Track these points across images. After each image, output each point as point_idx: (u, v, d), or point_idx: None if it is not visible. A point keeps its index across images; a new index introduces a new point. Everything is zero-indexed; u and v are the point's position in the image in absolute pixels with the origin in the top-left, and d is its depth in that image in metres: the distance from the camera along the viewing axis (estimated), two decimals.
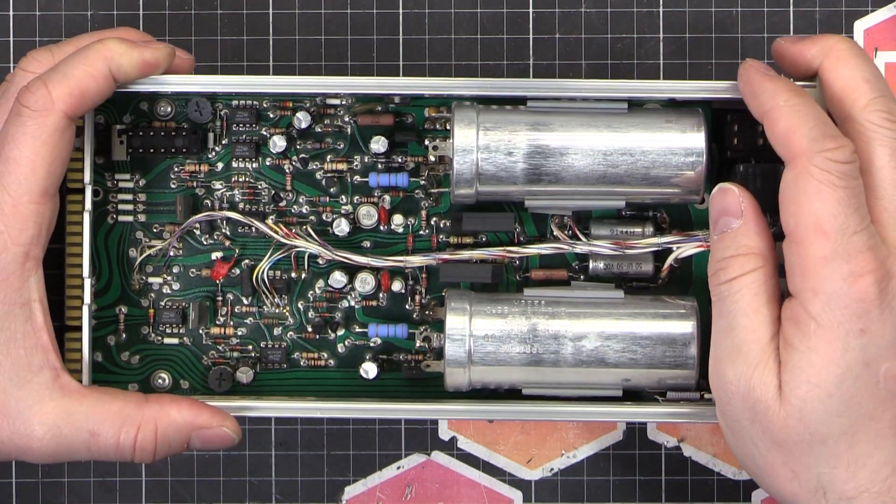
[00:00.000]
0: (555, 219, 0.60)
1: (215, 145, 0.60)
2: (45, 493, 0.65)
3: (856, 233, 0.51)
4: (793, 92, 0.54)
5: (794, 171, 0.52)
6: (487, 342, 0.58)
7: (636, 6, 0.65)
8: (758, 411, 0.53)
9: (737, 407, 0.53)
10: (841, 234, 0.51)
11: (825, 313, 0.51)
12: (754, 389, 0.52)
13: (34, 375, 0.55)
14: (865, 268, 0.51)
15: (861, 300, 0.51)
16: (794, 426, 0.52)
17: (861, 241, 0.51)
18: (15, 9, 0.65)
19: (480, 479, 0.65)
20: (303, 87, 0.58)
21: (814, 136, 0.52)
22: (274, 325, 0.61)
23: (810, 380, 0.51)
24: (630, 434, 0.66)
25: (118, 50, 0.56)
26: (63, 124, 0.55)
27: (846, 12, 0.65)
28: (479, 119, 0.57)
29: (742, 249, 0.54)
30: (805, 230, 0.52)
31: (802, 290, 0.52)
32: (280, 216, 0.60)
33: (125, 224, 0.61)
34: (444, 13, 0.65)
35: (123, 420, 0.56)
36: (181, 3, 0.65)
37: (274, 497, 0.65)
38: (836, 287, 0.51)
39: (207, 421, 0.57)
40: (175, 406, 0.56)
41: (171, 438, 0.56)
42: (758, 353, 0.53)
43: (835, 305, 0.51)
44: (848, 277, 0.51)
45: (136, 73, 0.56)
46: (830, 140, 0.52)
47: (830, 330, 0.51)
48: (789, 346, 0.52)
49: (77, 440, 0.55)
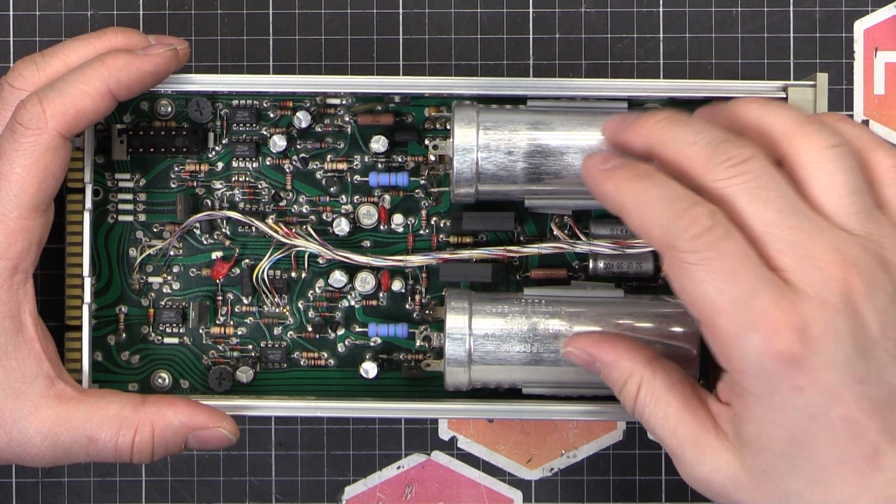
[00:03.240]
0: (555, 218, 0.60)
1: (215, 145, 0.60)
2: (45, 493, 0.65)
3: (752, 295, 0.48)
4: (632, 180, 0.51)
5: (668, 264, 0.49)
6: (487, 341, 0.58)
7: (636, 6, 0.65)
8: (730, 491, 0.51)
9: (715, 498, 0.52)
10: (738, 306, 0.48)
11: (756, 385, 0.49)
12: (713, 481, 0.51)
13: (28, 385, 0.55)
14: (776, 329, 0.48)
15: (784, 361, 0.48)
16: (768, 493, 0.50)
17: (762, 303, 0.48)
18: (15, 9, 0.65)
19: (480, 479, 0.65)
20: (303, 86, 0.58)
21: (664, 223, 0.49)
22: (274, 325, 0.61)
23: (765, 447, 0.50)
24: (630, 434, 0.65)
25: (116, 65, 0.55)
26: (56, 143, 0.55)
27: (846, 12, 0.65)
28: (479, 118, 0.57)
29: (618, 382, 0.54)
30: (705, 313, 0.49)
31: (728, 365, 0.49)
32: (280, 216, 0.60)
33: (125, 224, 0.61)
34: (444, 13, 0.65)
35: (121, 423, 0.56)
36: (181, 3, 0.65)
37: (274, 497, 0.65)
38: (755, 359, 0.48)
39: (204, 422, 0.57)
40: (172, 408, 0.56)
41: (169, 440, 0.56)
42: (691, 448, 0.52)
43: (762, 375, 0.49)
44: (762, 346, 0.48)
45: (138, 86, 0.56)
46: (681, 216, 0.49)
47: (767, 399, 0.49)
48: (737, 418, 0.50)
49: (75, 446, 0.55)
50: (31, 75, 0.56)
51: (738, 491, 0.51)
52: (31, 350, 0.55)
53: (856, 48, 0.66)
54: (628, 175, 0.51)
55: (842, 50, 0.66)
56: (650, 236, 0.50)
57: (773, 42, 0.65)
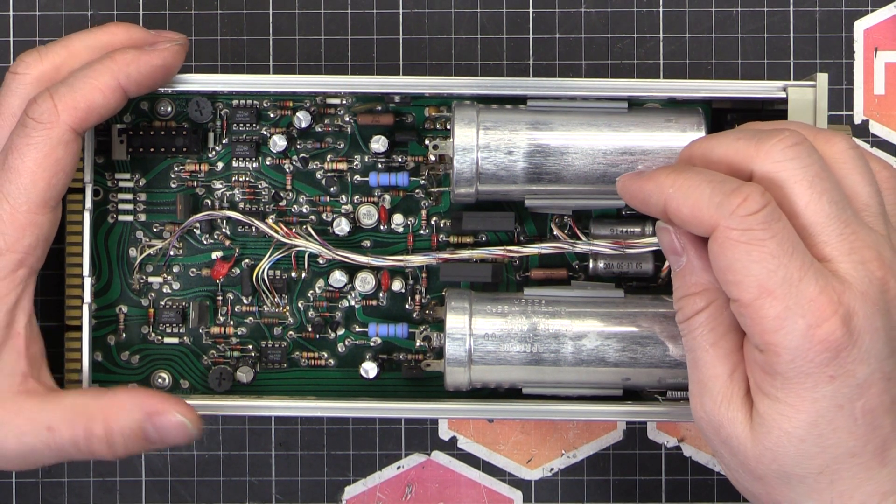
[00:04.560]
0: (555, 218, 0.60)
1: (215, 145, 0.60)
2: (45, 493, 0.65)
3: (801, 280, 0.48)
4: (675, 173, 0.51)
5: (717, 242, 0.49)
6: (487, 341, 0.58)
7: (636, 6, 0.65)
8: (732, 446, 0.52)
9: (714, 441, 0.52)
10: (787, 288, 0.48)
11: (791, 369, 0.49)
12: (723, 426, 0.51)
13: (2, 380, 0.55)
14: (822, 316, 0.48)
15: (826, 350, 0.49)
16: (769, 464, 0.51)
17: (810, 288, 0.48)
18: (15, 9, 0.65)
19: (480, 479, 0.65)
20: (303, 86, 0.58)
21: (717, 201, 0.49)
22: (274, 325, 0.61)
23: (781, 426, 0.50)
24: (630, 434, 0.65)
25: (125, 60, 0.55)
26: (67, 137, 0.55)
27: (846, 12, 0.65)
28: (480, 118, 0.57)
29: (691, 288, 0.52)
30: (749, 295, 0.49)
31: (764, 347, 0.50)
32: (280, 216, 0.60)
33: (125, 223, 0.61)
34: (444, 13, 0.65)
35: (75, 412, 0.55)
36: (181, 3, 0.65)
37: (274, 497, 0.65)
38: (798, 343, 0.49)
39: (157, 406, 0.55)
40: (126, 393, 0.56)
41: (123, 425, 0.55)
42: (720, 388, 0.51)
43: (801, 360, 0.49)
44: (807, 332, 0.48)
45: (148, 81, 0.56)
46: (734, 195, 0.49)
47: (798, 383, 0.49)
48: (759, 392, 0.50)
49: (36, 439, 0.55)
50: (34, 61, 0.56)
51: (739, 453, 0.51)
52: (13, 346, 0.56)
53: (856, 48, 0.66)
54: (668, 170, 0.51)
55: (842, 50, 0.66)
56: (698, 219, 0.50)
57: (773, 42, 0.65)
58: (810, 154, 0.50)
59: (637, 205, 0.53)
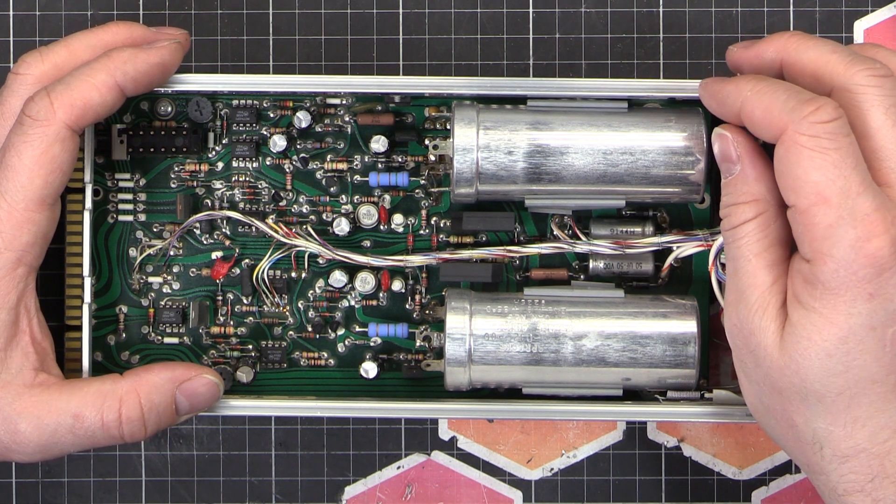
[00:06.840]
0: (555, 218, 0.60)
1: (215, 145, 0.60)
2: (45, 493, 0.65)
3: (859, 194, 0.50)
4: (755, 80, 0.53)
5: (783, 145, 0.51)
6: (487, 341, 0.58)
7: (636, 6, 0.65)
8: (759, 356, 0.53)
9: (742, 350, 0.53)
10: (844, 198, 0.50)
11: (834, 278, 0.50)
12: (754, 334, 0.52)
13: (12, 376, 0.56)
14: (873, 231, 0.50)
15: (871, 265, 0.50)
16: (791, 377, 0.52)
17: (866, 203, 0.50)
18: (15, 9, 0.65)
19: (480, 479, 0.65)
20: (303, 86, 0.58)
21: (791, 106, 0.51)
22: (274, 325, 0.61)
23: (811, 338, 0.51)
24: (630, 434, 0.65)
25: (121, 58, 0.55)
26: (64, 135, 0.55)
27: (846, 12, 0.65)
28: (480, 118, 0.57)
29: (742, 197, 0.53)
30: (806, 201, 0.51)
31: (812, 255, 0.51)
32: (280, 216, 0.60)
33: (125, 223, 0.61)
34: (444, 13, 0.65)
35: (104, 397, 0.56)
36: (181, 3, 0.65)
37: (274, 497, 0.65)
38: (845, 253, 0.50)
39: (185, 373, 0.57)
40: (150, 370, 0.56)
41: (156, 402, 0.56)
42: (758, 297, 0.52)
43: (844, 271, 0.50)
44: (856, 243, 0.50)
45: (146, 79, 0.56)
46: (808, 104, 0.51)
47: (838, 294, 0.51)
48: (796, 302, 0.52)
49: (61, 428, 0.55)
50: (35, 61, 0.57)
51: (764, 363, 0.52)
52: (19, 342, 0.56)
53: None
54: (750, 76, 0.53)
55: None
56: (769, 121, 0.51)
57: None
58: (894, 87, 0.52)
59: (713, 105, 0.54)
